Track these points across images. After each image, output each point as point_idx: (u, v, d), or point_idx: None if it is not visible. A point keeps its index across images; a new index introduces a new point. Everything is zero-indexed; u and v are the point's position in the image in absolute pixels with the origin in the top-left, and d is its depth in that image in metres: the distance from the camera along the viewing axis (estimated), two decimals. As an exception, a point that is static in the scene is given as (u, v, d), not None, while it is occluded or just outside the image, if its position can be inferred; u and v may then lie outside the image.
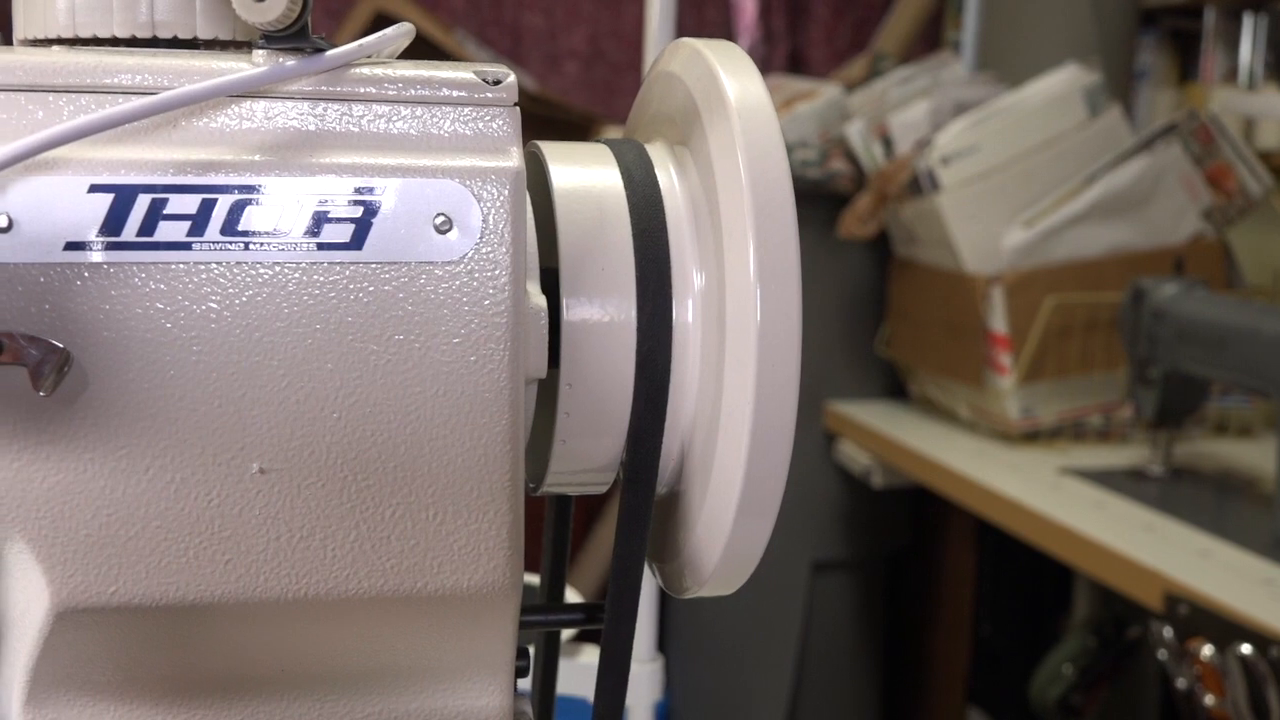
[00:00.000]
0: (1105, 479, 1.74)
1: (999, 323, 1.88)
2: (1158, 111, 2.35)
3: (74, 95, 0.44)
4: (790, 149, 2.14)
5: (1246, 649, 1.24)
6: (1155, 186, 1.90)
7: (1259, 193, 1.92)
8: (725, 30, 2.82)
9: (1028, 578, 2.20)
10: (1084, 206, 1.88)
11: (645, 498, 0.50)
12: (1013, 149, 1.94)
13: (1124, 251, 1.91)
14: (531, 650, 0.61)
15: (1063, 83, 1.98)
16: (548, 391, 0.50)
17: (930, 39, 2.76)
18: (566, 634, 1.24)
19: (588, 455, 0.51)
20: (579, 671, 1.12)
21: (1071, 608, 2.16)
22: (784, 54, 2.85)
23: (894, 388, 2.29)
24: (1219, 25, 2.29)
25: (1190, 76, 2.35)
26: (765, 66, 2.84)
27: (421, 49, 2.03)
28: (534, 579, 0.62)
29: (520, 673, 0.53)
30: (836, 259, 2.23)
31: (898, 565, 2.52)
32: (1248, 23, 2.25)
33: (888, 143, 2.10)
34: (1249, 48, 2.23)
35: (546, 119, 2.40)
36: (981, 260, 1.91)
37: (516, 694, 0.53)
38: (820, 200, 2.17)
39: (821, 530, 2.32)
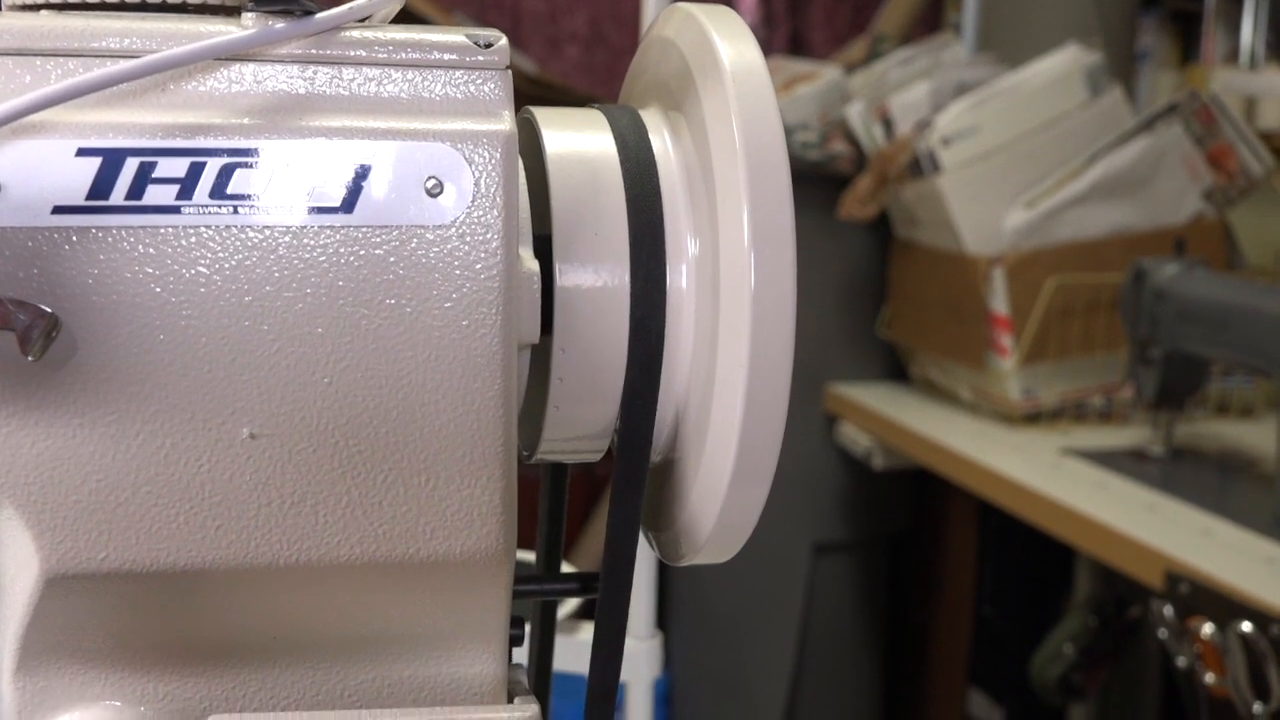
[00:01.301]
0: (1107, 459, 1.73)
1: (1000, 304, 1.88)
2: (1159, 92, 2.34)
3: (61, 59, 0.44)
4: (790, 131, 2.13)
5: (1247, 627, 1.23)
6: (1156, 167, 1.90)
7: (1260, 173, 1.92)
8: (725, 13, 2.81)
9: (1029, 558, 2.20)
10: (1085, 187, 1.88)
11: (639, 465, 0.49)
12: (1013, 130, 1.94)
13: (1125, 232, 1.90)
14: (529, 627, 0.60)
15: (1064, 63, 1.97)
16: (541, 359, 0.50)
17: (930, 20, 2.75)
18: (565, 611, 1.24)
19: (581, 422, 0.51)
20: (578, 648, 1.12)
21: (1073, 588, 2.16)
22: (784, 36, 2.84)
23: (895, 370, 2.29)
24: (1220, 6, 2.29)
25: (1192, 57, 2.34)
26: (765, 49, 2.82)
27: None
28: (532, 556, 0.62)
29: (514, 642, 0.52)
30: (837, 241, 2.23)
31: (899, 546, 2.52)
32: (1249, 3, 2.24)
33: (888, 124, 2.10)
34: (1250, 28, 2.23)
35: (547, 102, 2.39)
36: (982, 241, 1.90)
37: (511, 664, 0.53)
38: (820, 182, 2.17)
39: (822, 512, 2.32)
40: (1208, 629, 1.29)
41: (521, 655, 0.58)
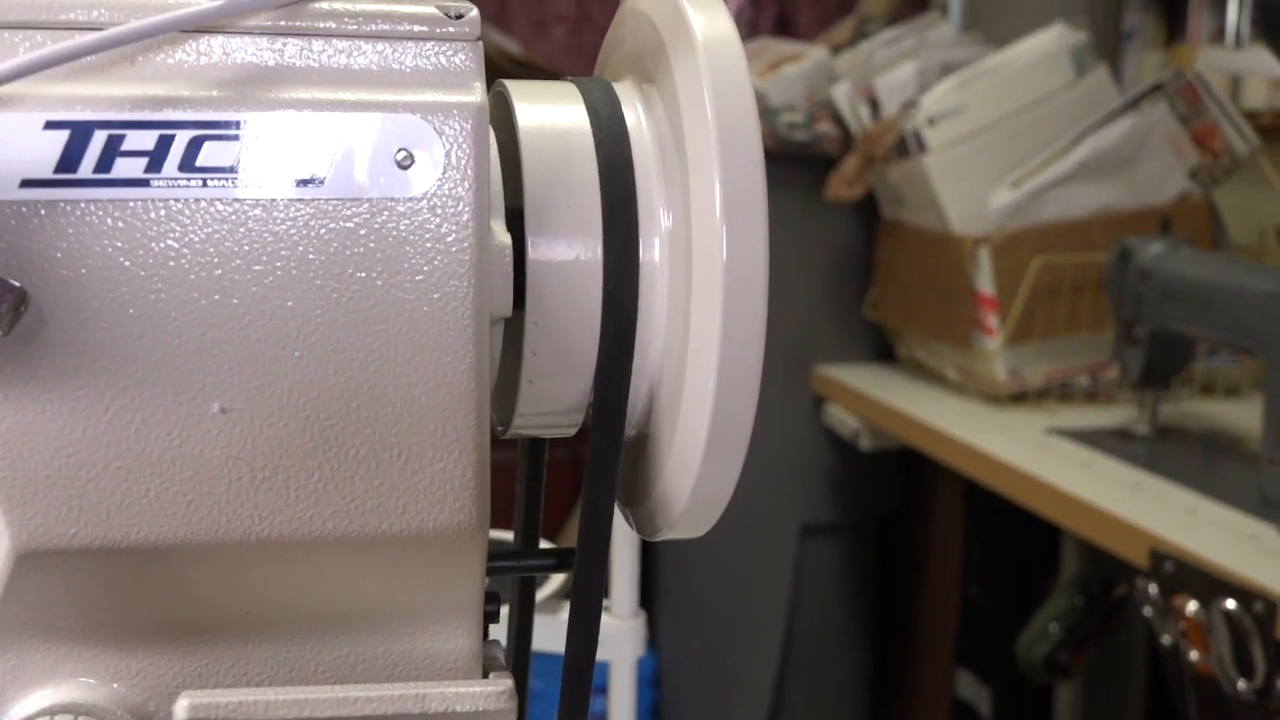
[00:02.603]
0: (1092, 439, 1.73)
1: (986, 284, 1.88)
2: (1145, 72, 2.34)
3: (29, 32, 0.44)
4: (776, 112, 2.13)
5: (1231, 604, 1.24)
6: (1142, 146, 1.90)
7: (1245, 152, 1.92)
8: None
9: (1015, 538, 2.20)
10: (1071, 167, 1.88)
11: (614, 439, 0.49)
12: (999, 109, 1.93)
13: (1111, 211, 1.90)
14: (506, 610, 0.60)
15: (1049, 43, 1.97)
16: (515, 333, 0.50)
17: (917, 1, 2.75)
18: (547, 591, 1.24)
19: (555, 396, 0.50)
20: (561, 628, 1.12)
21: (1059, 567, 2.16)
22: (771, 16, 2.83)
23: (882, 350, 2.29)
24: (1206, -15, 2.28)
25: (1177, 36, 2.34)
26: (753, 29, 2.82)
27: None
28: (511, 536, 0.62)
29: (490, 617, 0.52)
30: (823, 222, 2.23)
31: (886, 527, 2.52)
32: (1235, -18, 2.24)
33: (874, 104, 2.10)
34: (1235, 7, 2.22)
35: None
36: (968, 221, 1.90)
37: (487, 640, 0.53)
38: (807, 163, 2.17)
39: (810, 493, 2.32)
40: (1192, 607, 1.29)
41: (502, 635, 0.58)
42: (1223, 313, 1.54)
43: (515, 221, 0.49)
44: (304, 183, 0.44)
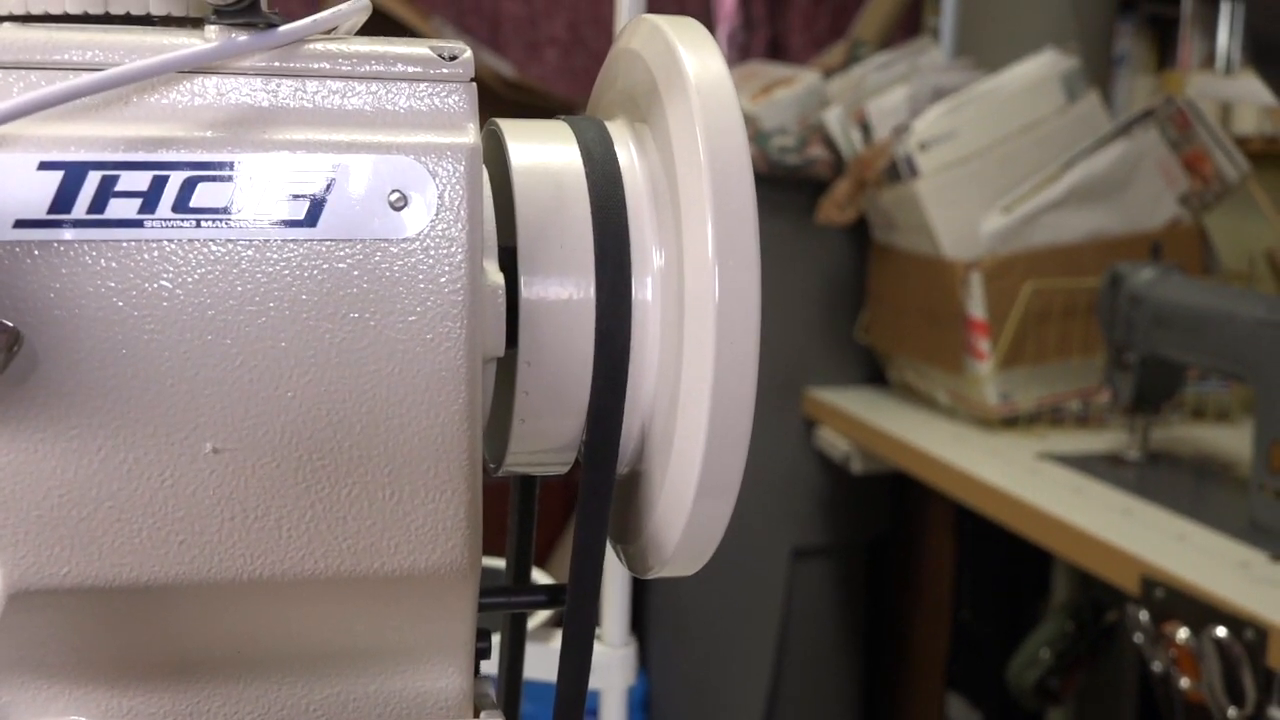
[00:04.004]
0: (1083, 464, 1.74)
1: (977, 308, 1.88)
2: (1136, 97, 2.35)
3: (23, 72, 0.44)
4: (768, 135, 2.13)
5: (1221, 631, 1.24)
6: (1133, 172, 1.90)
7: (1235, 178, 1.92)
8: (705, 16, 2.82)
9: (1007, 563, 2.20)
10: (1062, 192, 1.88)
11: (606, 477, 0.49)
12: (991, 134, 1.94)
13: (1102, 237, 1.91)
14: (497, 638, 0.60)
15: (1041, 68, 1.98)
16: (507, 371, 0.50)
17: (909, 25, 2.76)
18: (538, 620, 1.24)
19: (547, 435, 0.51)
20: (552, 656, 1.12)
21: (1050, 592, 2.16)
22: (764, 40, 2.84)
23: (873, 374, 2.29)
24: (1196, 11, 2.29)
25: (1168, 63, 2.35)
26: (745, 53, 2.83)
27: (398, 35, 2.00)
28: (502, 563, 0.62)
29: (481, 655, 0.52)
30: (815, 245, 2.23)
31: (877, 551, 2.52)
32: (1225, 8, 2.25)
33: (866, 129, 2.10)
34: (1226, 34, 2.23)
35: (526, 106, 2.39)
36: (960, 246, 1.91)
37: (479, 677, 0.53)
38: (799, 186, 2.17)
39: (801, 517, 2.32)
40: (1183, 634, 1.29)
41: (492, 667, 0.58)
42: (1213, 338, 1.55)
43: (508, 260, 0.49)
44: (297, 223, 0.44)
